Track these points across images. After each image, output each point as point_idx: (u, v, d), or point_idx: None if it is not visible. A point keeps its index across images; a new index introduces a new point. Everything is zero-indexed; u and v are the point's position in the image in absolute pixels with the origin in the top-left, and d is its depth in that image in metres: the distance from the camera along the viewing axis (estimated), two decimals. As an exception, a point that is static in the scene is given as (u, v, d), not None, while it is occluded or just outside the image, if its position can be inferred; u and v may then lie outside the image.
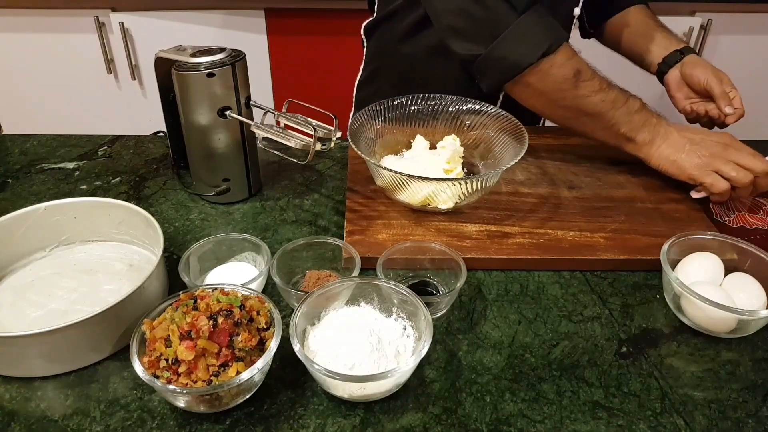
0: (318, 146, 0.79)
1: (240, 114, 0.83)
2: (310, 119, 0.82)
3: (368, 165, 0.83)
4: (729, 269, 0.73)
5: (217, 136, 0.83)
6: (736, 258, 0.74)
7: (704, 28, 1.75)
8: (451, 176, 0.87)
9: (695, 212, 0.87)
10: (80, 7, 1.71)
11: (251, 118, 0.85)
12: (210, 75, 0.79)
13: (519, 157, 0.81)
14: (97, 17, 1.71)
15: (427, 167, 0.87)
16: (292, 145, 0.81)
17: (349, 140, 0.84)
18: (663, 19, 1.74)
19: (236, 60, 0.81)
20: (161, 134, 1.05)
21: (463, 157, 0.92)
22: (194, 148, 0.87)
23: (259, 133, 0.83)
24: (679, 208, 0.88)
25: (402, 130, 0.96)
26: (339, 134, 0.81)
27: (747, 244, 0.74)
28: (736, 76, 1.89)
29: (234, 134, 0.84)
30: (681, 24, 1.75)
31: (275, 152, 0.81)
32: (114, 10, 1.71)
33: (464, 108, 0.95)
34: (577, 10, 1.02)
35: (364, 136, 0.91)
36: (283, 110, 0.85)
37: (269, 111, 0.86)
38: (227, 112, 0.82)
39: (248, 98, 0.84)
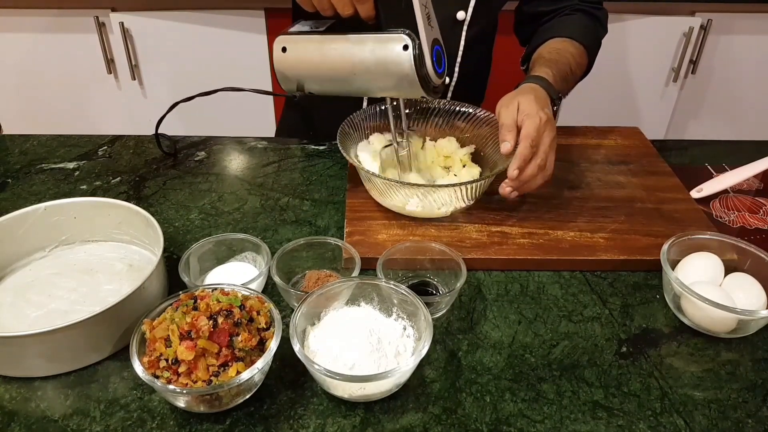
0: None
1: None
2: None
3: (360, 174, 0.83)
4: (729, 269, 0.73)
5: None
6: (736, 258, 0.74)
7: (704, 28, 1.75)
8: (448, 177, 0.86)
9: (695, 212, 0.87)
10: (80, 7, 1.71)
11: None
12: None
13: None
14: (97, 17, 1.71)
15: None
16: None
17: (339, 147, 0.83)
18: (663, 19, 1.75)
19: None
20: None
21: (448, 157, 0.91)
22: None
23: None
24: (679, 208, 0.88)
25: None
26: None
27: (747, 244, 0.73)
28: (736, 76, 1.90)
29: None
30: (681, 24, 1.75)
31: None
32: (114, 10, 1.71)
33: (457, 110, 0.93)
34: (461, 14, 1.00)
35: (355, 142, 0.90)
36: None
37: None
38: None
39: None
